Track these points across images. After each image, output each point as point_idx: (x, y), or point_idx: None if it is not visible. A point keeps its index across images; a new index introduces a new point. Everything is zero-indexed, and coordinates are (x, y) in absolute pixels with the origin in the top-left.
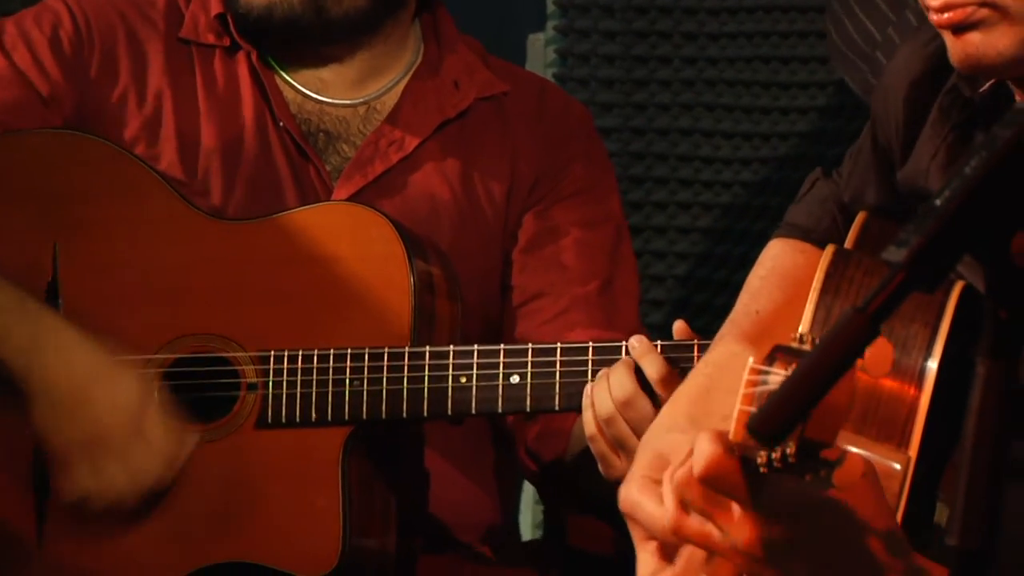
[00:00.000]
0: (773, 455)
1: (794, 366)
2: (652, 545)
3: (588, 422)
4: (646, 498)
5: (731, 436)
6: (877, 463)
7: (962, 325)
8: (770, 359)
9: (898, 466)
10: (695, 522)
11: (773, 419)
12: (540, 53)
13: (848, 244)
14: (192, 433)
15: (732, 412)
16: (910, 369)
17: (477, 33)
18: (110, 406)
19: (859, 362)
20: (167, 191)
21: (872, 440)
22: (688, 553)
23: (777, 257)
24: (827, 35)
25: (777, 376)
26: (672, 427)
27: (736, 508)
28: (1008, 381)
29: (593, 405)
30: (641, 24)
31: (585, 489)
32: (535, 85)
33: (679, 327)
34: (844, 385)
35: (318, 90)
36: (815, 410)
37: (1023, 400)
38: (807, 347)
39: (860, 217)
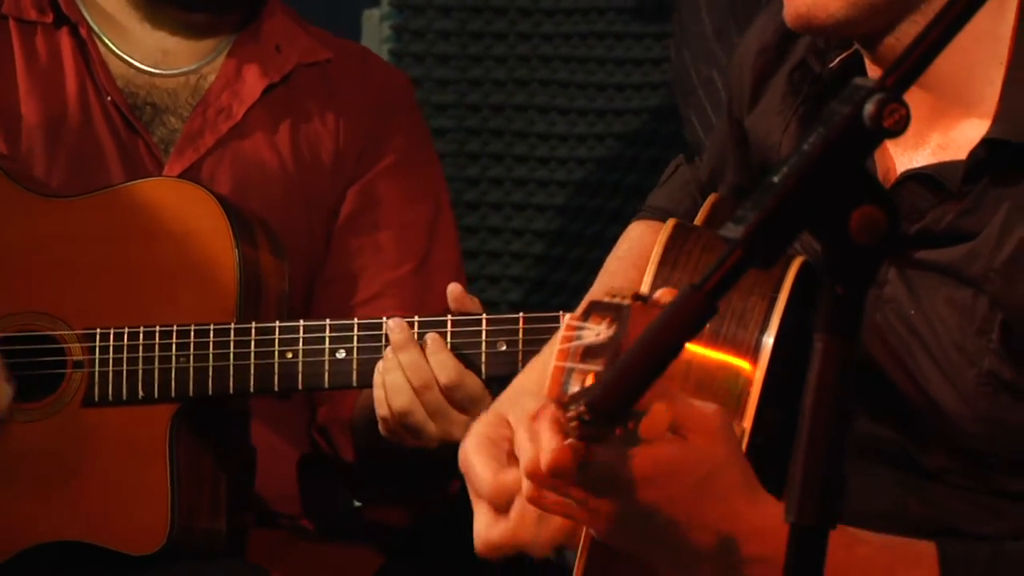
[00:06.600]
0: (582, 409)
1: (607, 320)
2: (484, 503)
3: (380, 402)
4: (479, 458)
5: (546, 392)
6: None
7: (801, 300)
8: (585, 314)
9: None
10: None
11: (611, 397)
12: (375, 28)
13: (698, 223)
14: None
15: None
16: (746, 343)
17: (312, 7)
18: None
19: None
20: None
21: None
22: (520, 507)
23: (636, 239)
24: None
25: (590, 331)
26: (520, 393)
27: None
28: (846, 357)
29: (384, 387)
30: (476, 0)
31: (372, 462)
32: (357, 53)
33: (451, 291)
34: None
35: (155, 63)
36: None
37: (860, 376)
38: (618, 300)
39: (711, 199)
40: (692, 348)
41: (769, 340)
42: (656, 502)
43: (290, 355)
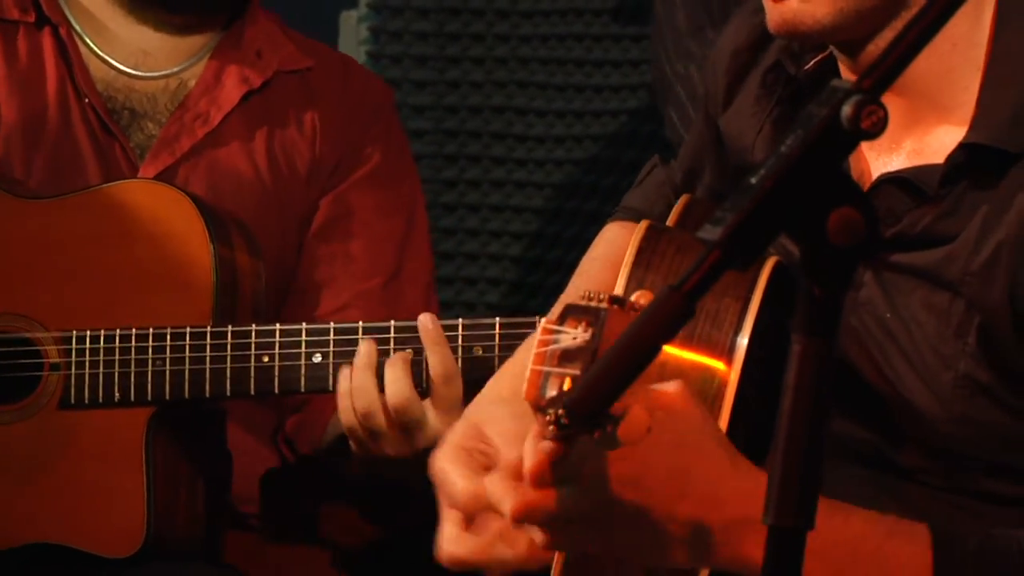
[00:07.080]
0: (560, 412)
1: (584, 323)
2: (455, 513)
3: (345, 410)
4: (454, 468)
5: (523, 395)
6: None
7: (774, 301)
8: (561, 318)
9: None
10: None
11: (589, 397)
12: (353, 30)
13: (670, 224)
14: None
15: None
16: (720, 344)
17: (290, 9)
18: None
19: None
20: None
21: None
22: (487, 522)
23: (610, 240)
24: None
25: (567, 335)
26: (494, 400)
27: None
28: (824, 358)
29: (352, 395)
30: (454, 1)
31: (337, 476)
32: (338, 62)
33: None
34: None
35: (136, 64)
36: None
37: (835, 377)
38: (594, 303)
39: (683, 199)
40: (667, 349)
41: (743, 341)
42: (636, 475)
43: (266, 359)
